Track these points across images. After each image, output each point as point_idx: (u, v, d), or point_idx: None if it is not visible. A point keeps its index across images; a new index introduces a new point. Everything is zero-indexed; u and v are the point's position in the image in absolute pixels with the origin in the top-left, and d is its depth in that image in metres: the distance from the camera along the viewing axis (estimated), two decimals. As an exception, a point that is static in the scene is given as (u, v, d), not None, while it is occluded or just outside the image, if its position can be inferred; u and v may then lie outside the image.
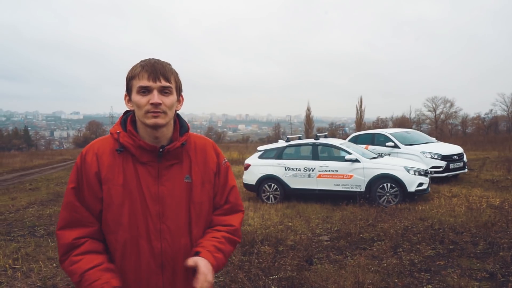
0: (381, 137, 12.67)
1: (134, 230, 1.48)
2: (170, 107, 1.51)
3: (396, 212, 7.63)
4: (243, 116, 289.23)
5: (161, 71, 1.48)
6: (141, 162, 1.52)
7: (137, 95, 1.49)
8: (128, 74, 1.53)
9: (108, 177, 1.49)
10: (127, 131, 1.53)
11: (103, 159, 1.50)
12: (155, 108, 1.46)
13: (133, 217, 1.48)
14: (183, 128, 1.61)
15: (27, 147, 60.57)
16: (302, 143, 10.17)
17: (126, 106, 1.60)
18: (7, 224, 7.80)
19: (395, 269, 4.66)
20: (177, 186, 1.55)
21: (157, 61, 1.51)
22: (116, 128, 1.56)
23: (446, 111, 55.87)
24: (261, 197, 9.86)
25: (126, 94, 1.57)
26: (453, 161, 11.21)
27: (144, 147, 1.51)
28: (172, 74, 1.53)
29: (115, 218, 1.48)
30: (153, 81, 1.47)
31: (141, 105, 1.48)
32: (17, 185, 14.35)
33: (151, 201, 1.50)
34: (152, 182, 1.51)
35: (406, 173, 8.60)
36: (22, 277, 4.90)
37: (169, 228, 1.51)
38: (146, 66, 1.48)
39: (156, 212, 1.50)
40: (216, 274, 4.84)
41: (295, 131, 75.17)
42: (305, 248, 5.55)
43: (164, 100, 1.48)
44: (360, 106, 51.34)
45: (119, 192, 1.48)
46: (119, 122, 1.59)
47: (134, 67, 1.52)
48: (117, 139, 1.53)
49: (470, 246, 5.38)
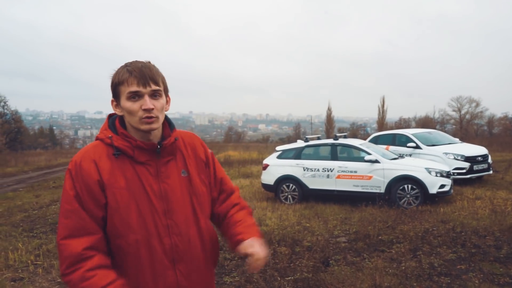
0: (402, 137, 12.44)
1: (144, 230, 1.49)
2: (161, 110, 1.53)
3: (417, 214, 7.48)
4: (263, 116, 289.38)
5: (150, 75, 1.48)
6: (139, 162, 1.52)
7: (128, 101, 1.48)
8: (114, 79, 1.51)
9: (111, 182, 1.47)
10: (120, 134, 1.53)
11: (102, 165, 1.48)
12: (149, 113, 1.47)
13: (141, 218, 1.49)
14: (171, 125, 1.65)
15: (52, 145, 62.06)
16: (321, 143, 10.08)
17: (113, 111, 1.59)
18: (31, 221, 8.01)
19: (414, 273, 4.56)
20: (176, 181, 1.57)
21: (143, 64, 1.50)
22: (105, 133, 1.54)
23: (471, 111, 54.45)
24: (279, 197, 9.82)
25: (113, 99, 1.55)
26: (477, 162, 10.91)
27: (143, 146, 1.51)
28: (159, 76, 1.53)
29: (123, 221, 1.47)
30: (143, 87, 1.47)
31: (133, 111, 1.48)
32: (41, 183, 14.73)
33: (155, 199, 1.51)
34: (153, 180, 1.53)
35: (428, 174, 8.42)
36: (43, 273, 5.02)
37: (176, 223, 1.54)
38: (134, 71, 1.47)
39: (162, 209, 1.52)
40: (231, 274, 4.84)
41: (315, 131, 74.72)
42: (321, 249, 5.49)
43: (155, 104, 1.49)
44: (382, 106, 50.61)
45: (124, 195, 1.48)
46: (106, 126, 1.57)
47: (120, 72, 1.50)
48: (111, 143, 1.51)
49: (493, 250, 5.22)
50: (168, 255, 1.52)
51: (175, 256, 1.53)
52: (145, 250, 1.49)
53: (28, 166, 22.62)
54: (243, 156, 24.46)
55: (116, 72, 1.52)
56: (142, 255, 1.49)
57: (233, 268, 4.94)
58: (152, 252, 1.50)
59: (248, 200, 9.88)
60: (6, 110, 44.20)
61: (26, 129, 54.39)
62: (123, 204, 1.48)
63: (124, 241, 1.48)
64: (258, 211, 8.45)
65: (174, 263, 1.53)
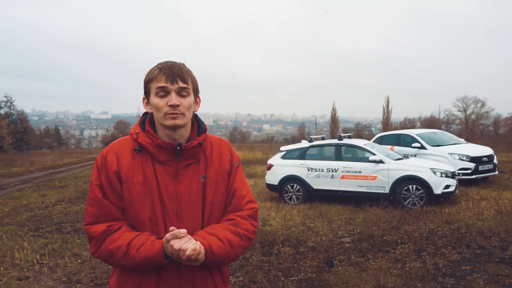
0: (407, 137, 12.41)
1: (155, 228, 1.52)
2: (188, 108, 1.54)
3: (421, 214, 7.46)
4: (268, 116, 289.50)
5: (178, 73, 1.51)
6: (159, 161, 1.55)
7: (156, 98, 1.52)
8: (146, 77, 1.56)
9: (128, 176, 1.52)
10: (146, 131, 1.57)
11: (123, 158, 1.54)
12: (174, 109, 1.49)
13: (154, 215, 1.51)
14: (201, 129, 1.64)
15: (58, 145, 62.44)
16: (326, 144, 10.08)
17: (144, 109, 1.64)
18: (36, 221, 8.06)
19: (419, 273, 4.55)
20: (194, 185, 1.57)
21: (174, 63, 1.54)
22: (135, 128, 1.60)
23: (477, 111, 54.11)
24: (284, 197, 9.83)
25: (144, 97, 1.60)
26: (483, 163, 10.86)
27: (162, 145, 1.53)
28: (189, 75, 1.56)
29: (137, 215, 1.52)
30: (170, 83, 1.50)
31: (160, 107, 1.51)
32: (47, 183, 14.81)
33: (168, 200, 1.53)
34: (170, 181, 1.54)
35: (432, 174, 8.39)
36: (49, 272, 5.05)
37: (185, 227, 1.51)
38: (164, 68, 1.51)
39: (174, 211, 1.53)
40: (236, 274, 4.84)
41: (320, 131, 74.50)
42: (326, 249, 5.49)
43: (182, 101, 1.51)
44: (387, 106, 50.33)
45: (139, 190, 1.51)
46: (138, 123, 1.63)
47: (151, 70, 1.55)
48: (136, 139, 1.57)
49: (498, 251, 5.20)
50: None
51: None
52: None
53: (34, 166, 22.75)
54: (247, 156, 24.47)
55: (148, 71, 1.57)
56: None
57: (237, 268, 4.95)
58: None
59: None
60: (13, 110, 44.50)
61: (32, 129, 54.70)
62: (137, 198, 1.51)
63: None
64: (262, 211, 8.45)
65: (179, 268, 1.53)
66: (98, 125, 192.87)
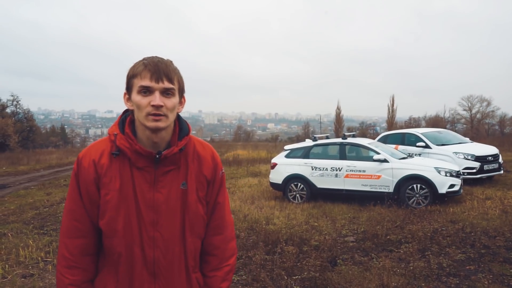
0: (411, 137, 12.35)
1: (129, 237, 1.44)
2: (172, 110, 1.44)
3: (426, 214, 7.43)
4: (272, 115, 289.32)
5: (165, 72, 1.41)
6: (137, 167, 1.45)
7: (138, 95, 1.41)
8: (129, 71, 1.45)
9: (106, 182, 1.44)
10: (125, 133, 1.46)
11: (100, 164, 1.45)
12: (156, 110, 1.39)
13: (128, 224, 1.43)
14: (183, 131, 1.53)
15: (64, 144, 62.64)
16: (330, 143, 10.05)
17: (125, 105, 1.52)
18: (41, 219, 8.11)
19: (422, 273, 4.53)
20: (173, 193, 1.48)
21: (160, 60, 1.43)
22: (113, 129, 1.49)
23: (482, 110, 53.87)
24: (288, 196, 9.82)
25: (126, 92, 1.48)
26: (488, 162, 10.79)
27: (140, 152, 1.43)
28: (176, 74, 1.45)
29: (110, 224, 1.43)
30: (155, 82, 1.40)
31: (142, 106, 1.40)
32: (52, 181, 14.89)
33: (145, 208, 1.45)
34: (147, 188, 1.45)
35: (437, 174, 8.35)
36: (53, 269, 5.08)
37: (162, 237, 1.46)
38: (149, 65, 1.40)
39: (150, 220, 1.45)
40: (239, 273, 4.85)
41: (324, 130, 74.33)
42: (329, 248, 5.48)
43: (166, 102, 1.41)
44: (391, 105, 50.21)
45: (115, 198, 1.43)
46: (117, 122, 1.52)
47: (136, 65, 1.44)
48: (114, 141, 1.46)
49: (503, 251, 5.17)
50: (149, 268, 1.46)
51: (156, 270, 1.47)
52: (126, 257, 1.45)
53: (40, 165, 22.89)
54: (252, 155, 24.48)
55: (133, 65, 1.46)
56: (123, 262, 1.45)
57: (240, 267, 4.95)
58: (132, 261, 1.45)
59: (257, 199, 9.89)
60: (19, 109, 44.83)
61: (38, 128, 54.98)
62: (112, 206, 1.43)
63: (109, 243, 1.46)
64: (266, 210, 8.46)
65: (155, 277, 1.47)
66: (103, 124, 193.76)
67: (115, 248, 1.45)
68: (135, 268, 1.45)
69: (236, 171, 16.54)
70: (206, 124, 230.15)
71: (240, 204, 9.20)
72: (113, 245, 1.45)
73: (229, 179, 13.98)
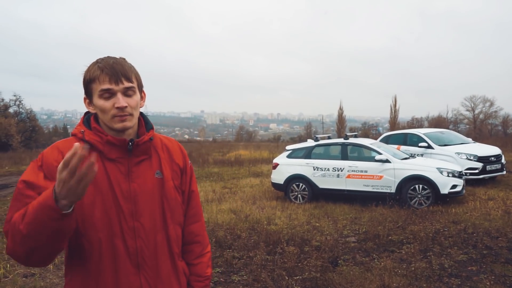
0: (414, 137, 12.32)
1: (108, 229, 1.41)
2: (136, 108, 1.46)
3: (428, 214, 7.40)
4: (274, 115, 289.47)
5: (122, 72, 1.41)
6: (110, 159, 1.45)
7: (100, 99, 1.42)
8: (85, 76, 1.44)
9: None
10: (92, 128, 1.46)
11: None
12: (122, 111, 1.41)
13: (106, 217, 1.41)
14: (148, 125, 1.57)
15: (66, 144, 62.76)
16: (331, 143, 10.04)
17: (87, 109, 1.52)
18: (43, 218, 8.12)
19: (424, 273, 4.52)
20: (148, 182, 1.49)
21: (115, 60, 1.44)
22: (79, 128, 1.49)
23: (485, 111, 53.63)
24: (289, 196, 9.81)
25: (86, 97, 1.48)
26: (490, 162, 10.75)
27: (113, 141, 1.44)
28: (132, 72, 1.46)
29: (86, 218, 1.39)
30: (115, 84, 1.40)
31: (106, 109, 1.41)
32: (54, 181, 14.92)
33: (122, 199, 1.44)
34: (123, 179, 1.45)
35: (439, 174, 8.33)
36: (54, 269, 5.09)
37: (143, 226, 1.46)
38: (105, 68, 1.40)
39: (129, 210, 1.44)
40: (240, 273, 4.84)
41: (327, 130, 74.25)
42: (330, 249, 5.47)
43: (129, 101, 1.43)
44: (394, 105, 50.10)
45: (89, 191, 1.38)
46: (81, 122, 1.52)
47: (91, 69, 1.43)
48: (82, 138, 1.45)
49: (505, 252, 5.15)
50: (133, 260, 1.44)
51: (140, 261, 1.45)
52: (107, 251, 1.41)
53: (42, 164, 22.91)
54: (253, 155, 24.45)
55: (87, 69, 1.45)
56: (104, 256, 1.41)
57: (241, 267, 4.95)
58: (115, 253, 1.42)
59: (258, 200, 9.89)
60: (22, 109, 44.94)
61: (40, 128, 55.10)
62: (87, 200, 1.38)
63: (86, 240, 1.40)
64: (268, 210, 8.45)
65: (139, 268, 1.45)
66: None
67: (93, 242, 1.39)
68: (119, 261, 1.42)
69: (238, 171, 16.54)
70: (208, 124, 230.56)
71: (242, 204, 9.21)
72: (90, 240, 1.39)
73: (231, 179, 13.99)
